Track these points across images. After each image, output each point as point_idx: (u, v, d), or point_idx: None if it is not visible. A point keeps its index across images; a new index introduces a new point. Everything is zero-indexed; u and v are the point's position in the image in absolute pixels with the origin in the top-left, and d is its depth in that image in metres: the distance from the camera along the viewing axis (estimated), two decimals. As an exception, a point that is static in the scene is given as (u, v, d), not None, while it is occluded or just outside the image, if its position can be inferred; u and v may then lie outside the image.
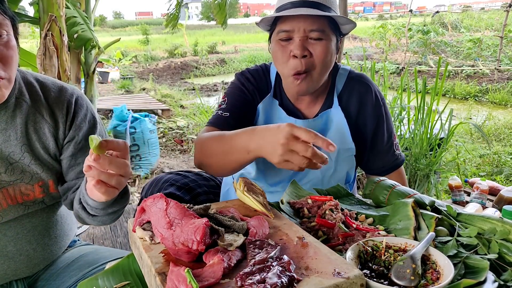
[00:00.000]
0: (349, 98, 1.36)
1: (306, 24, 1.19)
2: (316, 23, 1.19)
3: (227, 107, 1.36)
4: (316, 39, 1.21)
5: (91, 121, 1.17)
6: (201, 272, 0.64)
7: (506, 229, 0.81)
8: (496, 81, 9.09)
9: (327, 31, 1.22)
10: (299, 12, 1.17)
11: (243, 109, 1.36)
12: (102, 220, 1.09)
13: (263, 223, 0.81)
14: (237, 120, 1.33)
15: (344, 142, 1.34)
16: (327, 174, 1.36)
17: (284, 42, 1.23)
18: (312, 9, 1.18)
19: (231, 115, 1.33)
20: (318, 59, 1.22)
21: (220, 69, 14.87)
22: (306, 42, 1.20)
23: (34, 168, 1.08)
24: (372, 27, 15.94)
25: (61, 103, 1.12)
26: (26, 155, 1.07)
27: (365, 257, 0.76)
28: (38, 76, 1.15)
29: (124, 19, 67.70)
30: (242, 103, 1.37)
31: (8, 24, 0.97)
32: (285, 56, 1.23)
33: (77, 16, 3.30)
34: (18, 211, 1.08)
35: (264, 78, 1.41)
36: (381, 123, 1.38)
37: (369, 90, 1.37)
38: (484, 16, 17.52)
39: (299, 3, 1.20)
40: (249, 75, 1.42)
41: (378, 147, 1.39)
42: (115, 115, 4.25)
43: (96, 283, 0.83)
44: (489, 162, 4.10)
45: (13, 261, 1.11)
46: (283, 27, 1.21)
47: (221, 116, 1.34)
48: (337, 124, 1.34)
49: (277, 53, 1.25)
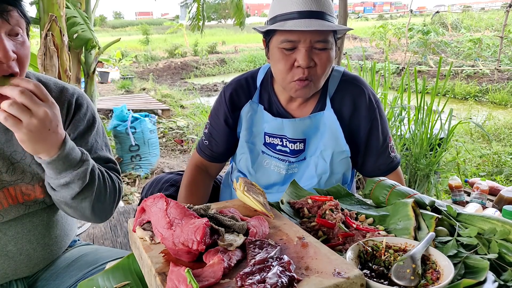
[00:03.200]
0: (342, 100, 1.35)
1: (313, 35, 1.18)
2: (322, 34, 1.19)
3: (207, 133, 1.51)
4: (321, 49, 1.20)
5: (90, 120, 1.17)
6: (201, 272, 0.64)
7: (506, 229, 0.81)
8: (496, 81, 9.09)
9: (330, 40, 1.22)
10: (311, 27, 1.15)
11: (222, 134, 1.47)
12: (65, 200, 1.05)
13: (263, 223, 0.81)
14: (215, 147, 1.49)
15: (338, 144, 1.33)
16: (323, 177, 1.35)
17: (288, 52, 1.21)
18: (320, 21, 1.17)
19: (209, 143, 1.50)
20: (321, 68, 1.22)
21: (220, 69, 14.86)
22: (311, 52, 1.20)
23: (35, 168, 1.08)
24: (372, 27, 15.93)
25: (62, 103, 1.12)
26: (27, 154, 1.07)
27: (365, 257, 0.76)
28: (40, 76, 1.15)
29: (124, 19, 67.69)
30: (221, 128, 1.46)
31: (24, 24, 0.98)
32: (289, 64, 1.22)
33: (77, 16, 3.30)
34: (18, 211, 1.08)
35: (247, 90, 1.43)
36: (375, 125, 1.37)
37: (363, 93, 1.35)
38: (484, 16, 17.53)
39: (306, 13, 1.17)
40: (233, 92, 1.44)
41: (373, 150, 1.38)
42: (115, 115, 4.25)
43: (96, 283, 0.83)
44: (489, 162, 4.10)
45: (13, 261, 1.11)
46: (289, 37, 1.19)
47: (202, 143, 1.53)
48: (330, 127, 1.33)
49: (280, 62, 1.23)
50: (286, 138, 1.36)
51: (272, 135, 1.38)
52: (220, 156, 1.51)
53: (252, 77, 1.45)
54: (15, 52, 0.93)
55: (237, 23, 5.01)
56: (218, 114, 1.46)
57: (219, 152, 1.50)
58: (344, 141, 1.33)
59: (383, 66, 5.77)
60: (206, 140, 1.51)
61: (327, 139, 1.33)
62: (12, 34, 0.94)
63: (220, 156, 1.51)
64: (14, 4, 0.93)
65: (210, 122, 1.50)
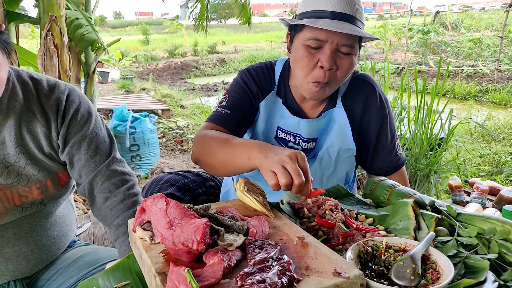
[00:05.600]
0: (354, 99, 1.36)
1: (341, 38, 1.16)
2: (350, 38, 1.17)
3: (228, 104, 1.34)
4: (345, 54, 1.19)
5: (84, 116, 1.14)
6: (201, 272, 0.64)
7: (506, 229, 0.81)
8: (496, 81, 9.09)
9: (356, 46, 1.21)
10: (342, 29, 1.12)
11: (244, 108, 1.35)
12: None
13: (263, 223, 0.81)
14: (237, 119, 1.32)
15: (345, 142, 1.34)
16: (326, 173, 1.36)
17: (313, 50, 1.19)
18: (351, 26, 1.16)
19: (231, 113, 1.31)
20: (342, 73, 1.22)
21: (220, 69, 14.87)
22: (335, 55, 1.19)
23: (30, 170, 1.07)
24: (372, 27, 15.94)
25: (52, 100, 1.09)
26: (21, 156, 1.05)
27: (365, 257, 0.76)
28: (33, 74, 1.12)
29: (124, 19, 67.68)
30: (243, 102, 1.35)
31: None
32: (312, 63, 1.20)
33: (81, 18, 3.31)
34: (15, 213, 1.07)
35: (268, 76, 1.39)
36: (385, 123, 1.38)
37: (374, 91, 1.37)
38: (484, 16, 17.52)
39: (339, 14, 1.15)
40: (253, 72, 1.40)
41: (382, 148, 1.39)
42: (115, 115, 4.25)
43: (96, 283, 0.83)
44: (489, 162, 4.09)
45: (11, 262, 1.10)
46: (318, 35, 1.17)
47: (221, 113, 1.32)
48: (339, 124, 1.34)
49: (303, 59, 1.21)
50: (301, 137, 1.36)
51: (286, 131, 1.37)
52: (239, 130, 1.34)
53: (270, 67, 1.41)
54: None
55: (243, 22, 5.00)
56: (243, 88, 1.36)
57: (239, 124, 1.33)
58: (352, 139, 1.34)
59: (383, 66, 5.77)
60: (227, 109, 1.32)
61: (334, 136, 1.34)
62: None
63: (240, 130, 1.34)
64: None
65: (229, 95, 1.36)
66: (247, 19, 4.91)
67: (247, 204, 0.94)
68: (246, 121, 1.36)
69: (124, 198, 1.15)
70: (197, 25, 4.93)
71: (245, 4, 4.77)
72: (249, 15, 4.91)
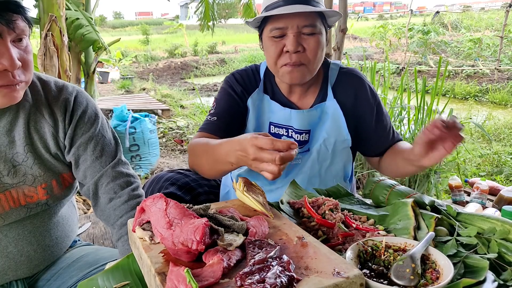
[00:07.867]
0: (344, 91, 1.39)
1: (300, 20, 1.21)
2: (309, 18, 1.22)
3: (215, 111, 1.38)
4: (309, 34, 1.23)
5: (91, 118, 1.16)
6: (200, 272, 0.64)
7: (505, 229, 0.81)
8: (496, 81, 9.08)
9: (318, 25, 1.25)
10: (294, 9, 1.18)
11: (231, 111, 1.38)
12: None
13: (263, 223, 0.81)
14: (226, 124, 1.35)
15: (340, 133, 1.37)
16: (324, 165, 1.38)
17: (277, 39, 1.25)
18: (305, 6, 1.20)
19: (218, 119, 1.35)
20: (311, 53, 1.25)
21: (220, 69, 14.86)
22: (299, 37, 1.23)
23: (37, 170, 1.08)
24: (372, 27, 15.93)
25: (60, 102, 1.11)
26: (29, 155, 1.07)
27: (365, 257, 0.76)
28: (41, 75, 1.14)
29: (124, 19, 67.66)
30: (229, 105, 1.39)
31: (27, 29, 0.98)
32: (278, 50, 1.25)
33: (82, 18, 3.32)
34: (20, 213, 1.08)
35: (252, 76, 1.44)
36: (380, 110, 1.41)
37: (363, 83, 1.41)
38: (484, 16, 17.51)
39: (291, 0, 1.21)
40: (237, 75, 1.44)
41: (382, 132, 1.41)
42: (115, 115, 4.25)
43: (96, 283, 0.83)
44: (489, 162, 4.09)
45: (13, 262, 1.11)
46: (277, 24, 1.23)
47: (209, 121, 1.36)
48: (333, 116, 1.36)
49: (270, 49, 1.27)
50: (293, 128, 1.38)
51: (278, 125, 1.40)
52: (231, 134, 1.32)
53: (255, 68, 1.47)
54: (20, 59, 0.94)
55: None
56: (228, 93, 1.40)
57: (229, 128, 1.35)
58: (347, 131, 1.36)
59: (383, 66, 5.77)
60: (215, 116, 1.35)
61: (330, 128, 1.36)
62: (16, 41, 0.95)
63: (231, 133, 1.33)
64: (19, 12, 0.93)
65: (217, 103, 1.40)
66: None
67: (247, 204, 0.94)
68: (237, 123, 1.39)
69: (129, 199, 1.15)
70: (203, 25, 4.97)
71: (250, 4, 4.81)
72: (254, 15, 4.94)
